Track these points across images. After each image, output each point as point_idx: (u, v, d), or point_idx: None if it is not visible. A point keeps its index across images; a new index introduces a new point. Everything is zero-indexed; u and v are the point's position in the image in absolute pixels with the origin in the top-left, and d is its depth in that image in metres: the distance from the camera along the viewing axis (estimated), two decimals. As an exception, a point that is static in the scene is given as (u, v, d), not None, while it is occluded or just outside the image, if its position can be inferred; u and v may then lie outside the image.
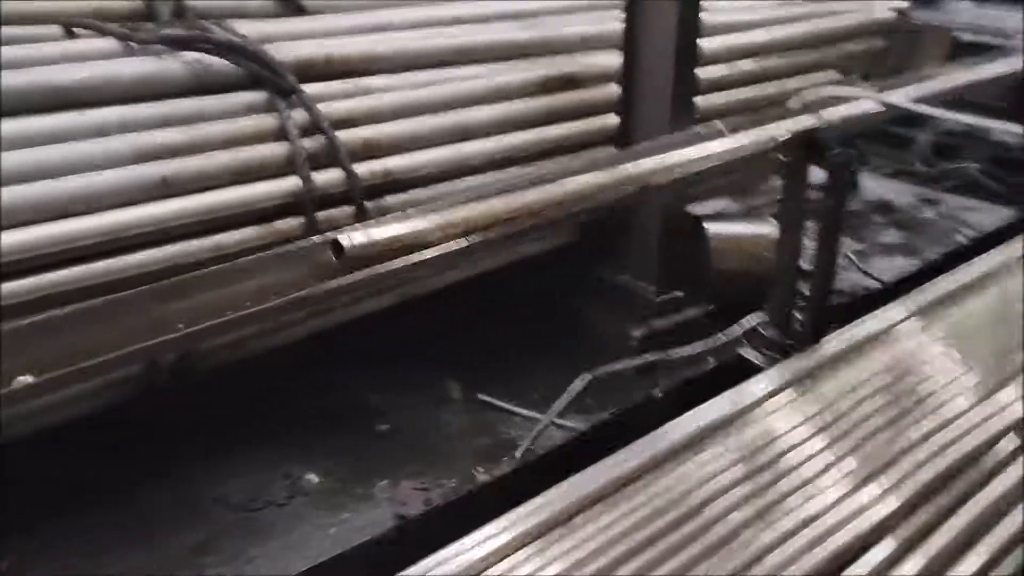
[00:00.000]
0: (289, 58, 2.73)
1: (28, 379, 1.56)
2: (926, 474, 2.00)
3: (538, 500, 1.93)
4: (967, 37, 5.54)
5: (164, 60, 2.60)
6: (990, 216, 4.71)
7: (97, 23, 2.67)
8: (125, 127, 2.40)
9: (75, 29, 2.69)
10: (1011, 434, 2.16)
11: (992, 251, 3.12)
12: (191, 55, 2.63)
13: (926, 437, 2.14)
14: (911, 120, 5.18)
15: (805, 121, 2.57)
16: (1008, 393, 2.32)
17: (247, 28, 2.77)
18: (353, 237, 1.89)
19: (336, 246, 1.88)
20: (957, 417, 2.23)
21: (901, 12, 4.37)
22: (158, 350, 1.89)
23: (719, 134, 2.45)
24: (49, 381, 1.58)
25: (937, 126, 5.43)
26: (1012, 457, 2.11)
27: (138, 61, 2.57)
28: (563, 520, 1.88)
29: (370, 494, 2.66)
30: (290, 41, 2.86)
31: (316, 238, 1.92)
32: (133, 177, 2.36)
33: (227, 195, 2.48)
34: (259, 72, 2.63)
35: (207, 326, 1.84)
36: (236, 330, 2.18)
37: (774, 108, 2.89)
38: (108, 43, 2.62)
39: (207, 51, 2.63)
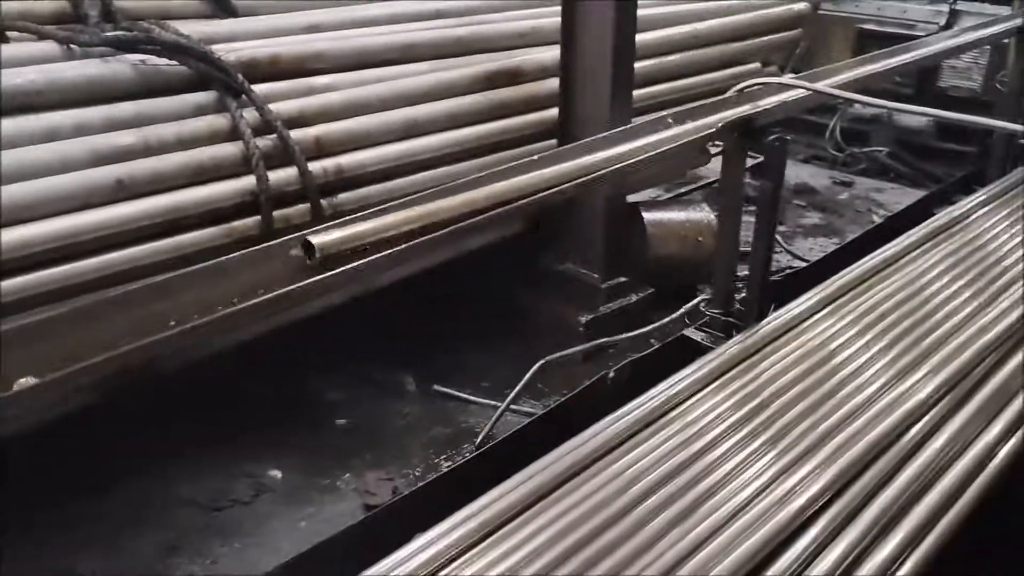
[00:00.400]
0: (234, 59, 2.74)
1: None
2: (850, 456, 2.05)
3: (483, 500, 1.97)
4: (872, 27, 5.81)
5: (110, 63, 2.59)
6: (900, 196, 4.98)
7: (35, 26, 2.64)
8: (79, 130, 2.38)
9: (8, 33, 2.65)
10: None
11: (909, 231, 3.30)
12: (135, 57, 2.63)
13: (849, 417, 2.25)
14: (822, 108, 5.42)
15: (741, 109, 2.69)
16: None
17: (186, 29, 2.77)
18: (324, 237, 1.90)
19: (308, 246, 1.89)
20: (878, 397, 2.35)
21: (813, 4, 4.58)
22: (131, 357, 1.86)
23: (665, 124, 2.55)
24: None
25: (846, 113, 5.70)
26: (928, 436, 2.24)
27: (83, 64, 2.55)
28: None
29: (335, 487, 2.70)
30: (232, 42, 2.87)
31: (288, 238, 1.92)
32: (88, 180, 2.36)
33: (184, 196, 2.49)
34: (208, 72, 2.64)
35: (181, 329, 1.81)
36: (211, 334, 2.17)
37: (709, 98, 3.00)
38: (47, 46, 2.59)
39: (154, 52, 2.63)
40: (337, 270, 1.85)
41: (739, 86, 2.77)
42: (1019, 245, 3.12)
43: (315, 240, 1.80)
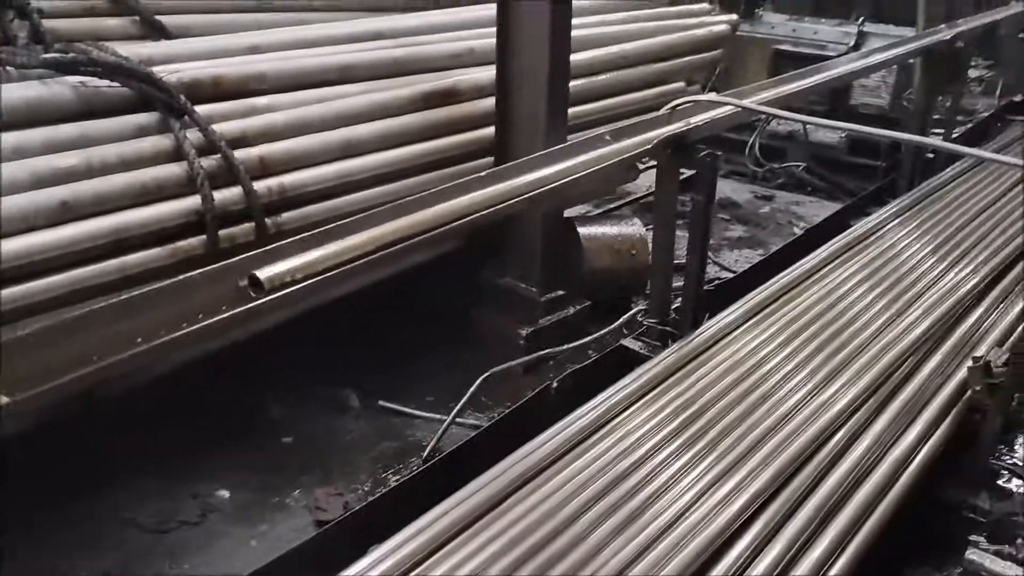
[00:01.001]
0: (176, 80, 2.75)
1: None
2: (782, 461, 2.14)
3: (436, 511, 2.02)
4: (787, 48, 6.06)
5: (49, 85, 2.57)
6: (817, 209, 5.20)
7: (-32, 48, 2.61)
8: (20, 153, 2.37)
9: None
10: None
11: (828, 243, 3.46)
12: (75, 79, 2.62)
13: (779, 424, 2.30)
14: (741, 126, 5.63)
15: (675, 126, 2.81)
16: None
17: (122, 51, 2.77)
18: (271, 270, 1.85)
19: (254, 281, 1.85)
20: (805, 403, 2.48)
21: (732, 26, 4.76)
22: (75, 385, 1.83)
23: (603, 142, 2.65)
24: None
25: (764, 130, 5.92)
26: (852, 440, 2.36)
27: (22, 86, 2.53)
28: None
29: (285, 504, 2.72)
30: (171, 63, 2.88)
31: (236, 261, 1.88)
32: (32, 202, 2.34)
33: (128, 217, 2.49)
34: (150, 93, 2.64)
35: (122, 358, 1.79)
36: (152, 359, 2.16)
37: (637, 116, 3.11)
38: (-19, 68, 2.57)
39: (94, 74, 2.62)
40: (282, 293, 1.85)
41: (672, 104, 2.88)
42: (929, 255, 3.32)
43: (262, 275, 1.78)
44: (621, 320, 3.32)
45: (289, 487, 2.77)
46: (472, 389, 3.03)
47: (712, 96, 3.06)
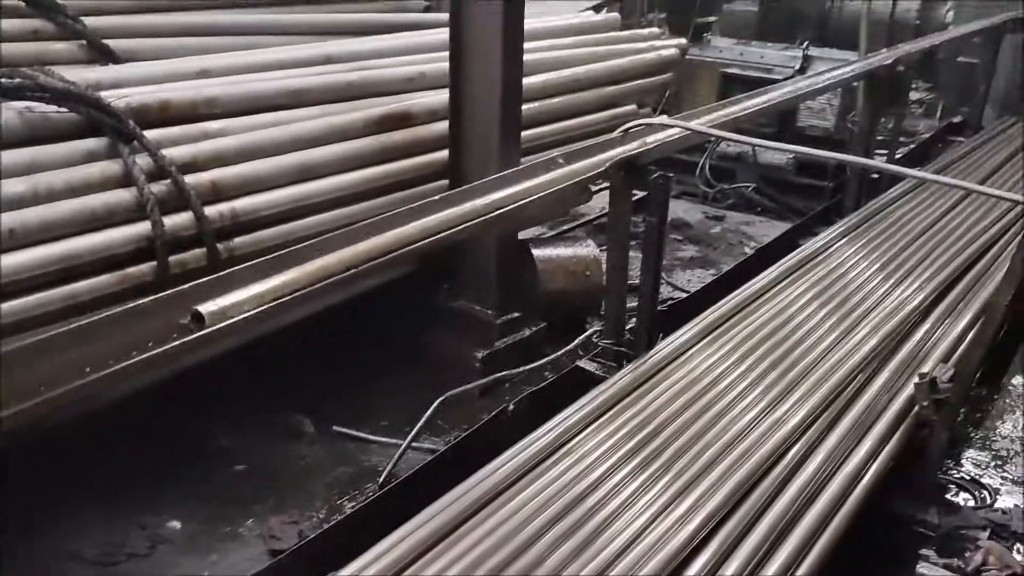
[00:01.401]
0: (124, 105, 2.72)
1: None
2: (737, 480, 2.16)
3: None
4: (734, 71, 6.17)
5: (-7, 110, 2.53)
6: (767, 229, 5.28)
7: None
8: (-36, 179, 2.32)
9: None
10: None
11: (778, 262, 3.52)
12: (20, 104, 2.57)
13: (734, 442, 2.32)
14: (691, 147, 5.71)
15: (627, 148, 2.84)
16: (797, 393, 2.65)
17: (69, 76, 2.73)
18: (214, 305, 1.79)
19: (196, 316, 1.81)
20: (758, 421, 2.51)
21: (681, 50, 4.83)
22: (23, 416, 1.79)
23: (556, 164, 2.67)
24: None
25: (714, 152, 6.01)
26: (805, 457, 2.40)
27: (-35, 111, 2.48)
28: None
29: (237, 534, 2.68)
30: (120, 88, 2.85)
31: (184, 293, 1.84)
32: (-23, 231, 2.29)
33: (77, 243, 2.45)
34: (98, 119, 2.61)
35: (70, 388, 1.76)
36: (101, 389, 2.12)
37: (589, 138, 3.15)
38: (-77, 93, 2.52)
39: (40, 99, 2.58)
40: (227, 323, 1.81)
41: (624, 126, 2.92)
42: (876, 272, 3.39)
43: (204, 309, 1.74)
44: (576, 341, 3.33)
45: (242, 516, 2.73)
46: (428, 413, 3.02)
47: (663, 119, 3.11)
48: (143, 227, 2.58)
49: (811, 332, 2.92)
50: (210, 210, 2.72)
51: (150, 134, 2.70)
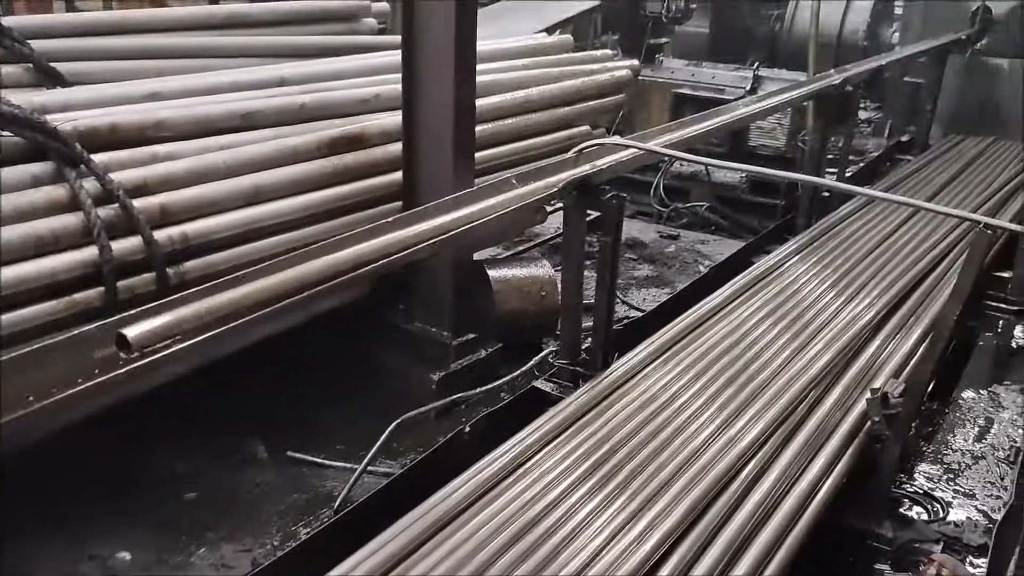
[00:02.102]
0: (71, 128, 2.68)
1: None
2: (694, 497, 2.16)
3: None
4: (687, 91, 6.26)
5: (-65, 135, 2.48)
6: (721, 247, 5.33)
7: None
8: (-96, 206, 2.26)
9: None
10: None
11: (732, 280, 3.55)
12: (-38, 128, 2.53)
13: (690, 459, 2.32)
14: (645, 167, 5.77)
15: (581, 169, 2.86)
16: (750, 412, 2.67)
17: (15, 99, 2.69)
18: (140, 328, 1.72)
19: (121, 340, 1.71)
20: (714, 438, 2.52)
21: (633, 71, 4.89)
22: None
23: (509, 185, 2.67)
24: None
25: (668, 171, 6.08)
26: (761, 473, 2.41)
27: (-94, 136, 2.43)
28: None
29: (190, 563, 2.62)
30: (67, 112, 2.81)
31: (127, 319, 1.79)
32: (-83, 257, 2.23)
33: (23, 269, 2.40)
34: (45, 143, 2.57)
35: (14, 417, 1.71)
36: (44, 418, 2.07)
37: (543, 159, 3.17)
38: None
39: (-15, 123, 2.54)
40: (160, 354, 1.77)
41: (579, 147, 2.94)
42: (828, 289, 3.44)
43: (129, 333, 1.69)
44: (532, 362, 3.33)
45: (194, 545, 2.67)
46: (384, 436, 2.99)
47: (616, 139, 3.14)
48: (90, 252, 2.54)
49: (765, 349, 2.95)
50: (159, 234, 2.68)
51: (98, 158, 2.67)
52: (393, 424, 3.03)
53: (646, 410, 2.57)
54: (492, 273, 3.65)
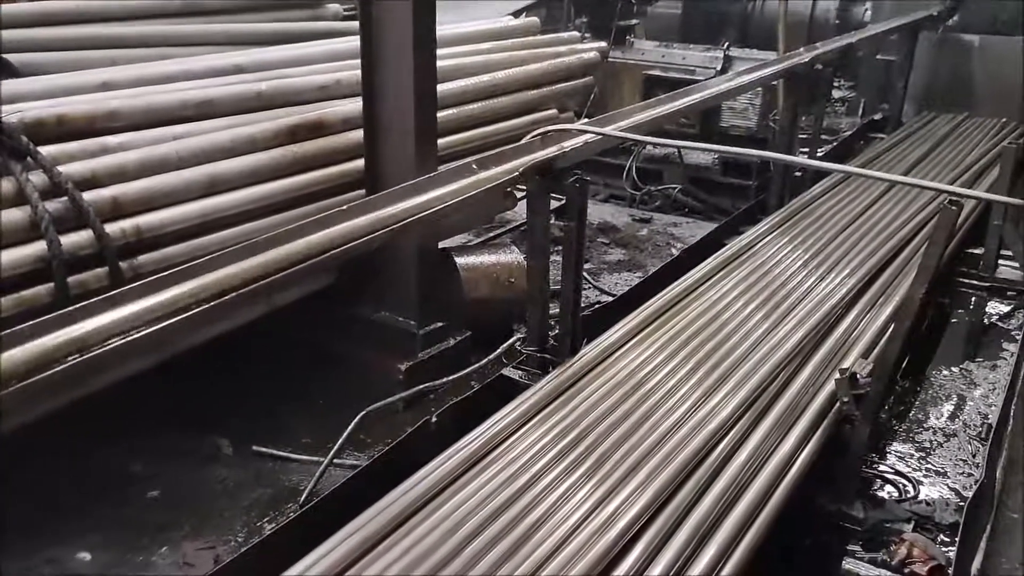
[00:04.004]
0: (17, 120, 2.60)
1: None
2: (665, 477, 2.13)
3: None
4: (657, 73, 6.21)
5: None
6: (694, 229, 5.30)
7: None
8: None
9: None
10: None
11: (704, 261, 3.52)
12: (-100, 122, 2.45)
13: (661, 440, 2.30)
14: (617, 150, 5.73)
15: (541, 154, 2.80)
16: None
17: (-41, 90, 2.62)
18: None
19: None
20: (686, 418, 2.49)
21: (602, 53, 4.83)
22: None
23: (470, 170, 2.62)
24: None
25: (640, 154, 6.03)
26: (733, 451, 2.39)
27: None
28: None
29: (151, 563, 2.57)
30: (15, 103, 2.73)
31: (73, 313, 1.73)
32: None
33: (-34, 266, 2.32)
34: (-12, 136, 2.49)
35: None
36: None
37: (510, 144, 3.10)
38: None
39: (-75, 116, 2.46)
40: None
41: (537, 132, 2.88)
42: (800, 268, 3.40)
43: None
44: (499, 350, 3.28)
45: (156, 544, 2.61)
46: (350, 428, 2.94)
47: (573, 124, 3.08)
48: (39, 247, 2.46)
49: (737, 329, 2.91)
50: (112, 227, 2.61)
51: (46, 150, 2.59)
52: (359, 416, 2.98)
53: (616, 393, 2.53)
54: (460, 260, 3.60)
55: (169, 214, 2.78)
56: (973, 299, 3.68)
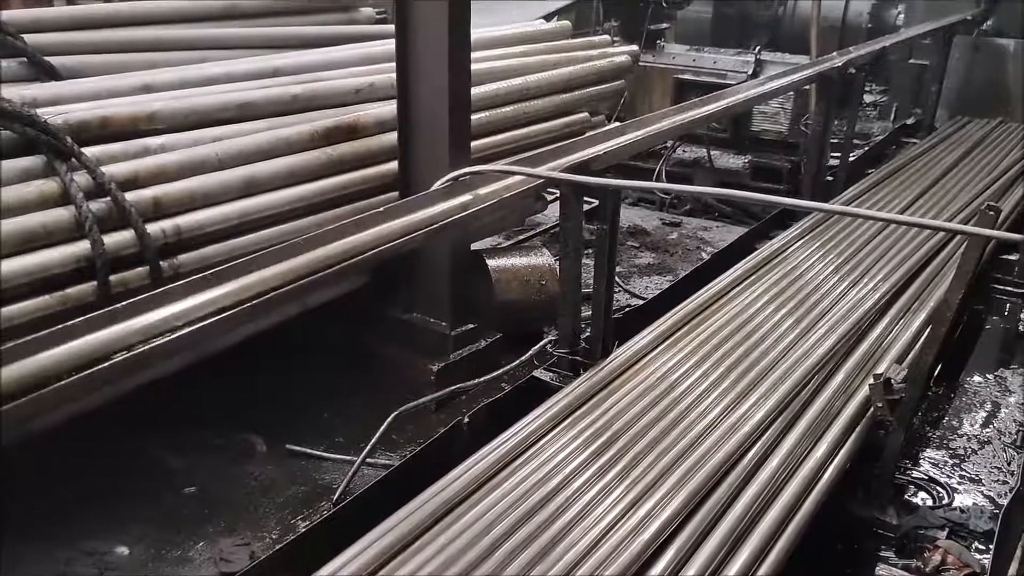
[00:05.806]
0: (62, 121, 2.66)
1: None
2: (697, 481, 2.14)
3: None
4: (688, 77, 6.20)
5: (-76, 129, 2.46)
6: (724, 234, 5.29)
7: None
8: None
9: None
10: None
11: (735, 266, 3.52)
12: (-49, 122, 2.50)
13: (693, 444, 2.31)
14: (646, 153, 5.73)
15: (575, 157, 2.82)
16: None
17: (6, 93, 2.67)
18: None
19: None
20: (718, 423, 2.50)
21: (633, 57, 4.84)
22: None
23: (505, 174, 2.64)
24: None
25: (670, 158, 6.03)
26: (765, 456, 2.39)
27: None
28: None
29: (188, 557, 2.60)
30: (58, 105, 2.79)
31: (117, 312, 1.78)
32: (-92, 252, 2.21)
33: (14, 264, 2.37)
34: (35, 137, 2.54)
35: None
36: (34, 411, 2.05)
37: (541, 148, 3.12)
38: None
39: (-27, 117, 2.51)
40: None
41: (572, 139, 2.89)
42: (832, 274, 3.39)
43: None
44: (531, 352, 3.30)
45: (192, 539, 2.65)
46: (382, 428, 2.96)
47: (607, 127, 3.08)
48: (83, 246, 2.51)
49: (768, 334, 2.91)
50: (152, 227, 2.65)
51: (90, 151, 2.64)
52: (391, 416, 3.01)
53: (647, 396, 2.54)
54: (491, 262, 3.62)
55: (208, 214, 2.82)
56: (1008, 305, 3.65)
